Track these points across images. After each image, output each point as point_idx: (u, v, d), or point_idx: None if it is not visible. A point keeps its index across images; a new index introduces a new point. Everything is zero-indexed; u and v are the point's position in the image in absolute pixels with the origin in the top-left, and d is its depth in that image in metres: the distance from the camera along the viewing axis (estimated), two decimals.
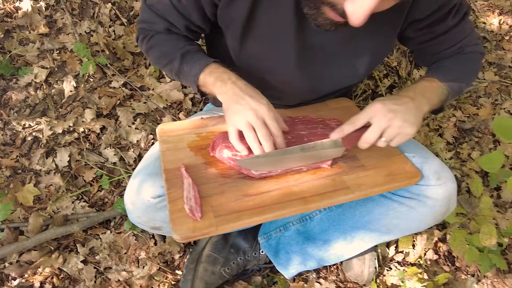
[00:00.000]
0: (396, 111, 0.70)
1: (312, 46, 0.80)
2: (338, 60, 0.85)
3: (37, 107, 1.27)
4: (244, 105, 0.72)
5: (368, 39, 0.82)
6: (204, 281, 0.94)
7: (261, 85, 0.79)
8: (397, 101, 0.72)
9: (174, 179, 0.75)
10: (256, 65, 0.84)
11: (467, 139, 1.47)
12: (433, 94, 0.78)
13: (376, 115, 0.71)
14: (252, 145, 0.72)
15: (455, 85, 0.81)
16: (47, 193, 1.13)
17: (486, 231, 0.96)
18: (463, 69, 0.84)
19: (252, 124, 0.71)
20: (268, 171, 0.77)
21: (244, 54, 0.83)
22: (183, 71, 0.80)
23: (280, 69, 0.84)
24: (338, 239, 0.95)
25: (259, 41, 0.80)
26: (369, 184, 0.77)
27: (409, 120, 0.71)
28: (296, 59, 0.81)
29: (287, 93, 0.90)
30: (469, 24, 0.85)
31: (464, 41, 0.86)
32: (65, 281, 1.02)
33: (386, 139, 0.73)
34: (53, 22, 1.47)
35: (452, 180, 0.83)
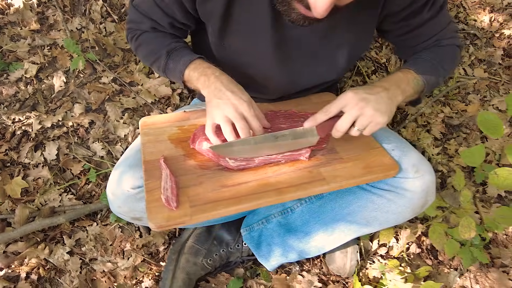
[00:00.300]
0: (368, 100, 0.71)
1: (290, 40, 0.82)
2: (317, 55, 0.86)
3: (27, 102, 1.29)
4: (225, 100, 0.73)
5: (346, 34, 0.83)
6: (186, 271, 0.96)
7: (243, 79, 0.80)
8: (370, 91, 0.73)
9: (153, 170, 0.77)
10: (236, 60, 0.86)
11: (455, 135, 1.48)
12: (408, 85, 0.79)
13: (348, 104, 0.72)
14: (228, 137, 0.73)
15: (431, 77, 0.82)
16: (35, 186, 1.15)
17: (465, 224, 0.96)
18: (439, 61, 0.85)
19: (230, 119, 0.72)
20: (246, 163, 0.79)
21: (225, 49, 0.85)
22: (169, 68, 0.83)
23: (259, 64, 0.86)
24: (318, 231, 0.96)
25: (237, 36, 0.82)
26: (345, 176, 0.79)
27: (380, 109, 0.72)
28: (274, 54, 0.82)
29: (269, 87, 0.92)
30: (445, 17, 0.86)
31: (441, 33, 0.87)
32: (51, 271, 1.04)
33: (359, 128, 0.74)
34: (45, 18, 1.49)
35: (430, 173, 0.84)
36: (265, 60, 0.84)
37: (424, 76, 0.81)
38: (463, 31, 1.76)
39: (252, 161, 0.79)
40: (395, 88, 0.76)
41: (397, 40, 0.90)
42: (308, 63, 0.87)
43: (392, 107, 0.74)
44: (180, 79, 0.81)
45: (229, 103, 0.73)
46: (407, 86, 0.79)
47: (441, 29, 0.86)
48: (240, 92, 0.75)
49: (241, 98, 0.74)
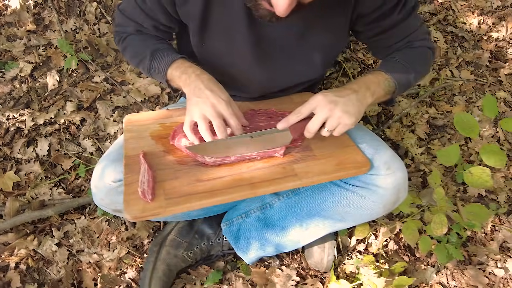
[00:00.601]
0: (337, 103, 0.75)
1: (267, 40, 0.85)
2: (294, 54, 0.89)
3: (21, 100, 1.34)
4: (203, 99, 0.76)
5: (321, 33, 0.87)
6: (166, 263, 1.00)
7: (224, 79, 0.84)
8: (339, 93, 0.77)
9: (133, 165, 0.80)
10: (217, 60, 0.90)
11: (439, 136, 1.50)
12: (379, 87, 0.82)
13: (318, 106, 0.76)
14: (204, 134, 0.77)
15: (402, 78, 0.85)
16: (26, 180, 1.20)
17: (437, 221, 0.99)
18: (410, 63, 0.87)
19: (207, 117, 0.76)
20: (221, 159, 0.82)
21: (205, 50, 0.89)
22: (153, 68, 0.86)
23: (239, 64, 0.89)
24: (294, 226, 0.99)
25: (216, 36, 0.85)
26: (316, 172, 0.82)
27: (349, 111, 0.75)
28: (252, 53, 0.86)
29: (249, 86, 0.95)
30: (416, 19, 0.90)
31: (412, 35, 0.90)
32: (39, 262, 1.08)
33: (328, 129, 0.77)
34: (41, 19, 1.54)
35: (401, 170, 0.87)
36: (244, 59, 0.88)
37: (395, 77, 0.84)
38: (451, 33, 1.78)
39: (228, 158, 0.82)
40: (365, 90, 0.79)
41: (369, 41, 0.94)
42: (286, 62, 0.90)
43: (361, 108, 0.77)
44: (163, 78, 0.85)
45: (208, 102, 0.76)
46: (378, 88, 0.82)
47: (412, 31, 0.90)
48: (219, 91, 0.78)
49: (220, 97, 0.77)
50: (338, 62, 1.56)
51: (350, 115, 0.75)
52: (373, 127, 1.47)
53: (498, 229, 1.27)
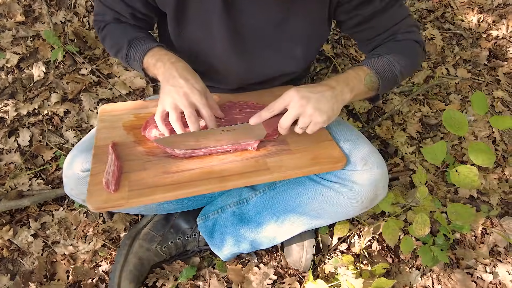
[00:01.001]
0: (309, 99, 0.71)
1: (243, 28, 0.82)
2: (271, 43, 0.87)
3: (6, 90, 1.34)
4: (177, 87, 0.74)
5: (300, 22, 0.84)
6: (138, 256, 0.98)
7: (201, 68, 0.82)
8: (312, 89, 0.73)
9: (102, 155, 0.79)
10: (194, 49, 0.87)
11: (432, 135, 1.46)
12: (359, 82, 0.79)
13: (290, 102, 0.73)
14: (174, 125, 0.74)
15: (386, 73, 0.81)
16: (6, 170, 1.19)
17: (419, 221, 0.95)
18: (394, 57, 0.83)
19: (179, 106, 0.73)
20: (191, 151, 0.80)
21: (183, 39, 0.86)
22: (130, 57, 0.84)
23: (216, 52, 0.87)
24: (270, 222, 0.96)
25: (192, 24, 0.83)
26: (289, 166, 0.79)
27: (321, 108, 0.71)
28: (229, 41, 0.83)
29: (227, 76, 0.93)
30: (401, 10, 0.86)
31: (396, 27, 0.86)
32: (14, 253, 1.07)
33: (300, 126, 0.74)
34: (31, 11, 1.54)
35: (379, 166, 0.84)
36: (221, 48, 0.85)
37: (377, 72, 0.80)
38: (448, 31, 1.74)
39: (199, 150, 0.80)
40: (343, 86, 0.76)
41: (352, 32, 0.90)
42: (263, 52, 0.88)
43: (335, 106, 0.74)
44: (140, 67, 0.83)
45: (181, 91, 0.74)
46: (358, 83, 0.78)
47: (395, 23, 0.86)
48: (193, 80, 0.76)
49: (194, 86, 0.75)
50: (328, 57, 1.53)
51: (322, 113, 0.72)
52: (362, 124, 1.43)
53: (489, 232, 1.22)
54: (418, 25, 0.91)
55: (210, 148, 0.80)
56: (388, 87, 0.86)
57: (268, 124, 0.78)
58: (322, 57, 1.52)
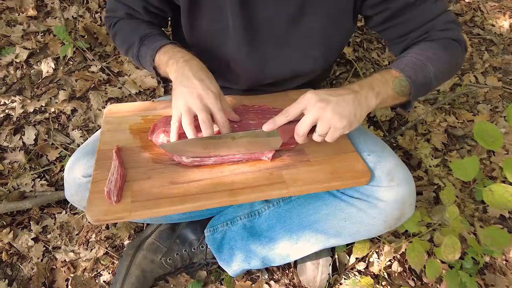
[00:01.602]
0: (328, 102, 0.64)
1: (258, 20, 0.76)
2: (288, 40, 0.80)
3: (14, 86, 1.30)
4: (190, 89, 0.68)
5: (319, 17, 0.76)
6: (141, 268, 0.91)
7: (213, 65, 0.76)
8: (332, 92, 0.66)
9: (105, 160, 0.73)
10: (207, 43, 0.82)
11: (458, 147, 1.36)
12: (386, 87, 0.71)
13: (307, 105, 0.65)
14: (186, 129, 0.68)
15: (418, 76, 0.72)
16: (10, 169, 1.15)
17: (449, 244, 0.86)
18: (428, 58, 0.74)
19: (193, 109, 0.68)
20: (200, 159, 0.73)
21: (196, 32, 0.81)
22: (141, 54, 0.79)
23: (229, 47, 0.81)
24: (283, 238, 0.89)
25: (206, 15, 0.78)
26: (306, 180, 0.72)
27: (341, 112, 0.64)
28: (243, 34, 0.77)
29: (239, 74, 0.86)
30: (437, 4, 0.76)
31: (430, 24, 0.76)
32: (14, 257, 1.02)
33: (319, 133, 0.67)
34: (43, 6, 1.50)
35: (406, 183, 0.76)
36: (234, 42, 0.79)
37: (408, 75, 0.71)
38: (478, 36, 1.63)
39: (208, 159, 0.74)
40: (368, 91, 0.68)
41: (380, 29, 0.82)
42: (279, 48, 0.80)
43: (359, 111, 0.66)
44: (151, 64, 0.78)
45: (195, 93, 0.68)
46: (384, 87, 0.70)
47: (430, 19, 0.76)
48: (208, 80, 0.70)
49: (209, 88, 0.69)
50: (349, 61, 1.44)
51: (342, 117, 0.64)
52: (384, 133, 1.34)
53: None
54: (458, 22, 0.81)
55: (220, 157, 0.74)
56: (421, 93, 0.77)
57: (284, 131, 0.71)
58: (343, 61, 1.44)
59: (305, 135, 0.67)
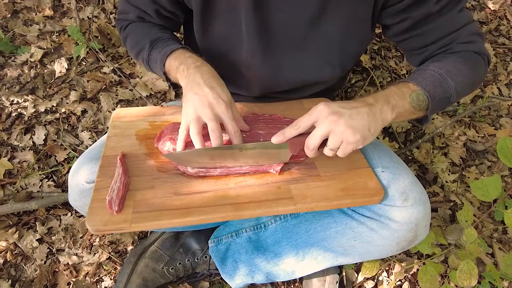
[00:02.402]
0: (341, 115, 0.60)
1: (275, 25, 0.73)
2: (305, 45, 0.76)
3: (27, 85, 1.30)
4: (201, 96, 0.66)
5: (338, 21, 0.72)
6: (142, 277, 0.90)
7: (225, 71, 0.74)
8: (346, 105, 0.62)
9: (109, 167, 0.71)
10: (219, 48, 0.79)
11: (477, 162, 1.29)
12: (403, 100, 0.67)
13: (319, 118, 0.62)
14: (194, 138, 0.66)
15: (437, 90, 0.68)
16: (19, 169, 1.15)
17: (465, 270, 0.81)
18: (448, 71, 0.69)
19: (202, 119, 0.65)
20: (206, 170, 0.71)
21: (208, 36, 0.78)
22: (151, 58, 0.78)
23: (242, 52, 0.78)
24: (289, 254, 0.85)
25: (219, 19, 0.75)
26: (315, 197, 0.68)
27: (354, 126, 0.60)
28: (257, 39, 0.74)
29: (252, 81, 0.83)
30: (461, 15, 0.72)
31: (453, 36, 0.72)
32: (18, 257, 1.02)
33: (330, 147, 0.63)
34: (60, 6, 1.51)
35: (422, 203, 0.72)
36: (248, 47, 0.76)
37: (426, 89, 0.67)
38: (503, 46, 1.56)
39: (214, 170, 0.71)
40: (383, 104, 0.64)
41: (399, 40, 0.77)
42: (294, 54, 0.77)
43: (373, 125, 0.62)
44: (161, 69, 0.76)
45: (206, 101, 0.65)
46: (401, 101, 0.66)
47: (453, 30, 0.71)
48: (220, 88, 0.68)
49: (220, 96, 0.66)
50: (366, 69, 1.40)
51: (355, 131, 0.60)
52: (399, 145, 1.29)
53: None
54: (482, 34, 0.76)
55: (226, 168, 0.71)
56: (440, 107, 0.72)
57: (294, 143, 0.67)
58: (359, 68, 1.39)
59: (316, 149, 0.64)
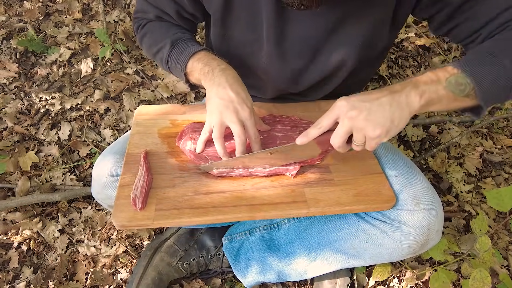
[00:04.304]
0: (360, 110, 0.58)
1: (294, 32, 0.74)
2: (324, 50, 0.77)
3: (55, 83, 1.37)
4: (227, 102, 0.67)
5: (357, 24, 0.72)
6: (158, 270, 0.92)
7: (242, 73, 0.75)
8: (366, 97, 0.59)
9: (132, 164, 0.74)
10: (236, 52, 0.81)
11: (494, 174, 1.28)
12: (436, 85, 0.59)
13: (339, 115, 0.61)
14: (216, 142, 0.68)
15: (485, 73, 0.58)
16: (44, 162, 1.21)
17: (478, 278, 0.81)
18: (502, 50, 0.60)
19: (225, 123, 0.67)
20: (229, 170, 0.74)
21: (226, 40, 0.80)
22: (172, 58, 0.77)
23: (260, 58, 0.79)
24: (301, 254, 0.87)
25: (239, 24, 0.76)
26: (329, 201, 0.70)
27: (374, 120, 0.58)
28: (275, 47, 0.76)
29: (267, 83, 0.85)
30: None
31: (508, 13, 0.63)
32: (40, 246, 1.07)
33: (356, 143, 0.62)
34: (89, 9, 1.59)
35: (434, 207, 0.72)
36: (265, 53, 0.78)
37: (471, 71, 0.58)
38: None
39: (236, 170, 0.74)
40: (410, 89, 0.58)
41: (446, 31, 0.72)
42: (312, 59, 0.78)
43: (397, 114, 0.58)
44: (182, 70, 0.75)
45: (231, 106, 0.66)
46: (434, 86, 0.59)
47: (508, 6, 0.62)
48: (244, 94, 0.69)
49: (244, 102, 0.68)
50: (382, 77, 1.41)
51: (375, 126, 0.57)
52: (414, 153, 1.29)
53: None
54: None
55: (248, 169, 0.73)
56: (495, 95, 0.61)
57: (320, 142, 0.67)
58: (376, 76, 1.41)
59: (343, 146, 0.63)
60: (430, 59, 1.53)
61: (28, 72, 1.41)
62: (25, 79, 1.37)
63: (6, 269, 1.01)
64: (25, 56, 1.43)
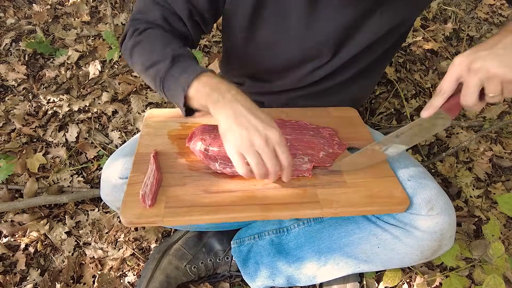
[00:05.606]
0: (484, 59, 0.54)
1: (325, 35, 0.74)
2: (342, 50, 0.77)
3: (63, 85, 1.37)
4: (252, 131, 0.60)
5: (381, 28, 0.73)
6: (166, 273, 0.92)
7: (260, 70, 0.74)
8: (483, 46, 0.56)
9: (142, 164, 0.74)
10: (260, 54, 0.79)
11: (504, 179, 1.27)
12: None
13: (461, 73, 0.56)
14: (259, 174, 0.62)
15: None
16: (52, 164, 1.21)
17: (491, 284, 0.80)
18: None
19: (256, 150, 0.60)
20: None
21: (252, 42, 0.78)
22: (172, 76, 0.65)
23: (285, 56, 0.78)
24: (311, 259, 0.86)
25: (268, 26, 0.75)
26: (342, 203, 0.70)
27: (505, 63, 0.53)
28: (301, 43, 0.75)
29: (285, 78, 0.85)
30: None
31: None
32: (47, 248, 1.06)
33: (493, 94, 0.56)
34: (96, 12, 1.60)
35: (447, 213, 0.72)
36: (292, 52, 0.77)
37: None
38: None
39: None
40: None
41: None
42: (336, 52, 0.78)
43: None
44: (182, 92, 0.63)
45: (258, 134, 0.60)
46: None
47: None
48: (267, 118, 0.62)
49: (271, 125, 0.61)
50: (390, 81, 1.41)
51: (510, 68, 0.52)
52: (422, 157, 1.28)
53: None
54: None
55: None
56: None
57: (449, 109, 0.62)
58: (384, 80, 1.40)
59: (477, 103, 0.58)
60: (438, 63, 1.52)
61: (36, 74, 1.41)
62: (34, 81, 1.38)
63: (13, 271, 1.01)
64: (34, 58, 1.44)
